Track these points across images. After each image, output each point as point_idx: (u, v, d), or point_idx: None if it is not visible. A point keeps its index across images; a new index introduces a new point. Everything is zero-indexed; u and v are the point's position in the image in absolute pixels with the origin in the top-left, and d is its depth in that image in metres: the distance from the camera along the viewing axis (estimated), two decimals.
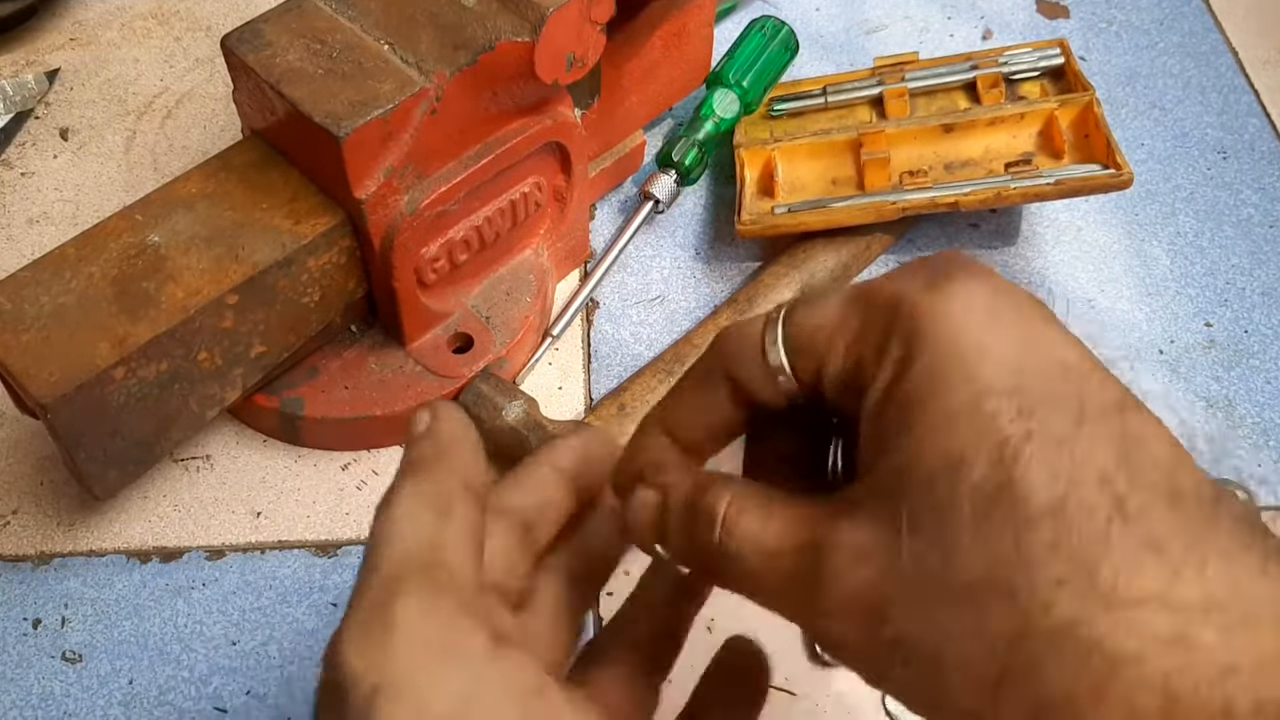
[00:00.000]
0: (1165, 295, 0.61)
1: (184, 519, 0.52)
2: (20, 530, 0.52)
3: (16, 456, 0.54)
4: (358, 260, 0.51)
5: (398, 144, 0.47)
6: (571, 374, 0.58)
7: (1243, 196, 0.66)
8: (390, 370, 0.54)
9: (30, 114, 0.70)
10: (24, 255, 0.61)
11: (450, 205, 0.50)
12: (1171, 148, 0.69)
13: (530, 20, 0.47)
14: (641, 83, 0.61)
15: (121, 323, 0.45)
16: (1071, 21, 0.77)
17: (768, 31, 0.66)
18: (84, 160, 0.67)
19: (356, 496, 0.53)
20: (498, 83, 0.49)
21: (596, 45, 0.51)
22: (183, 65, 0.73)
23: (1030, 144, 0.61)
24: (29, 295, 0.46)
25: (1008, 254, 0.63)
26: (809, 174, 0.63)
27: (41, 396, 0.43)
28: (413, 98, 0.46)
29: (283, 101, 0.46)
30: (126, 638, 0.49)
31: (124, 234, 0.48)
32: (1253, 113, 0.70)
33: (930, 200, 0.57)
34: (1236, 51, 0.74)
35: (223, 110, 0.70)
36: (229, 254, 0.47)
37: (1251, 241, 0.64)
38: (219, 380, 0.49)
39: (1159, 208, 0.66)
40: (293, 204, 0.49)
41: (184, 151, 0.68)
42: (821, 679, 0.47)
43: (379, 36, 0.48)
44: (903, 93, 0.64)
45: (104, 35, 0.75)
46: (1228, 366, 0.58)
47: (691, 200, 0.66)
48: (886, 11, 0.77)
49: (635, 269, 0.62)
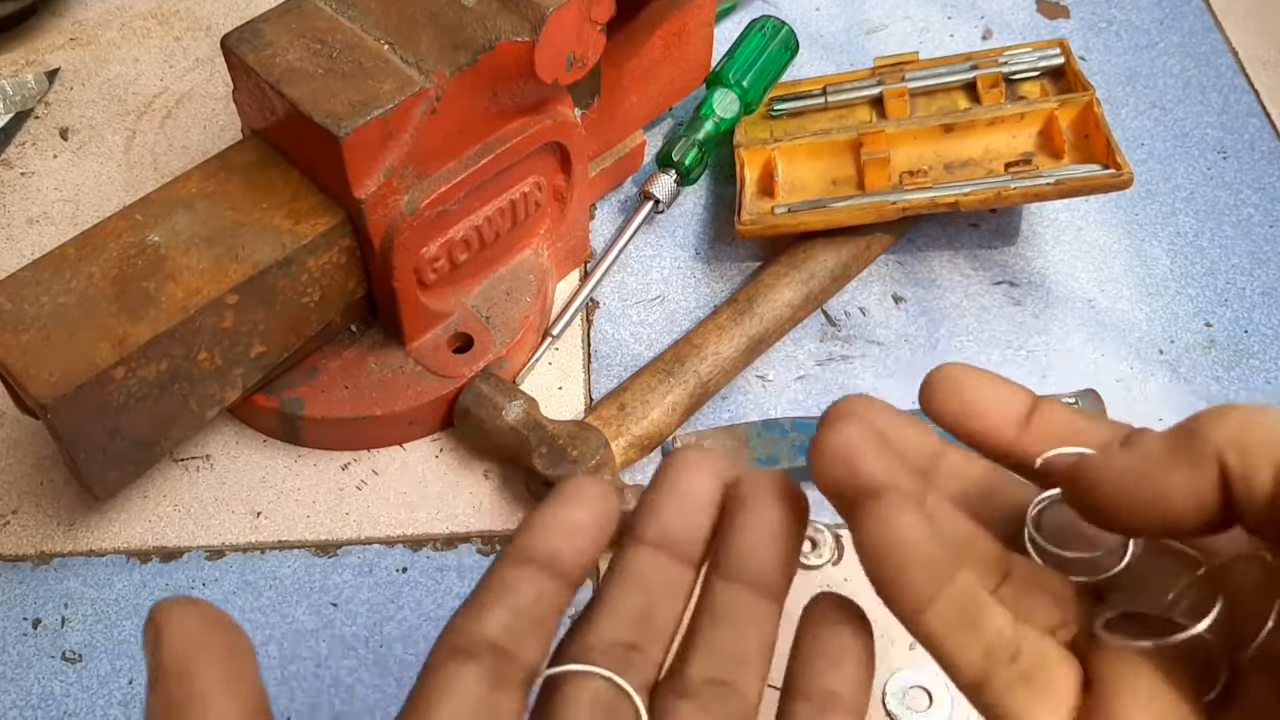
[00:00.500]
0: (1165, 295, 0.61)
1: (184, 519, 0.52)
2: (20, 530, 0.52)
3: (16, 456, 0.54)
4: (358, 260, 0.51)
5: (398, 144, 0.47)
6: (571, 374, 0.58)
7: (1243, 196, 0.66)
8: (390, 370, 0.54)
9: (30, 114, 0.70)
10: (24, 255, 0.61)
11: (450, 205, 0.50)
12: (1171, 147, 0.69)
13: (530, 20, 0.47)
14: (641, 82, 0.61)
15: (121, 323, 0.45)
16: (1071, 21, 0.77)
17: (768, 31, 0.66)
18: (84, 160, 0.67)
19: (356, 496, 0.53)
20: (498, 82, 0.49)
21: (596, 45, 0.51)
22: (183, 65, 0.73)
23: (1030, 144, 0.61)
24: (29, 295, 0.46)
25: (1008, 254, 0.63)
26: (809, 174, 0.63)
27: (41, 396, 0.43)
28: (413, 97, 0.46)
29: (283, 101, 0.46)
30: (126, 638, 0.49)
31: (124, 234, 0.48)
32: (1253, 112, 0.70)
33: (930, 200, 0.57)
34: (1236, 51, 0.74)
35: (223, 110, 0.70)
36: (229, 254, 0.47)
37: (1252, 241, 0.64)
38: (219, 380, 0.49)
39: (1159, 207, 0.66)
40: (293, 204, 0.49)
41: (184, 151, 0.68)
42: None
43: (379, 36, 0.48)
44: (903, 92, 0.64)
45: (104, 35, 0.75)
46: (1228, 366, 0.58)
47: (691, 200, 0.66)
48: (886, 11, 0.77)
49: (635, 269, 0.62)
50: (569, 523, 0.26)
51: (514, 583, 0.25)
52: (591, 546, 0.26)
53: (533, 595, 0.25)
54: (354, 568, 0.51)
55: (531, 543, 0.26)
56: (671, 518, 0.27)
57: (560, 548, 0.25)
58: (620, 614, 0.26)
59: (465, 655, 0.24)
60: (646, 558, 0.26)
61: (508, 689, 0.24)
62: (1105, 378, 0.57)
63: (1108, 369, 0.58)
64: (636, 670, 0.26)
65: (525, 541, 0.26)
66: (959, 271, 0.62)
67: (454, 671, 0.24)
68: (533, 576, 0.25)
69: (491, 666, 0.24)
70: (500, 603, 0.25)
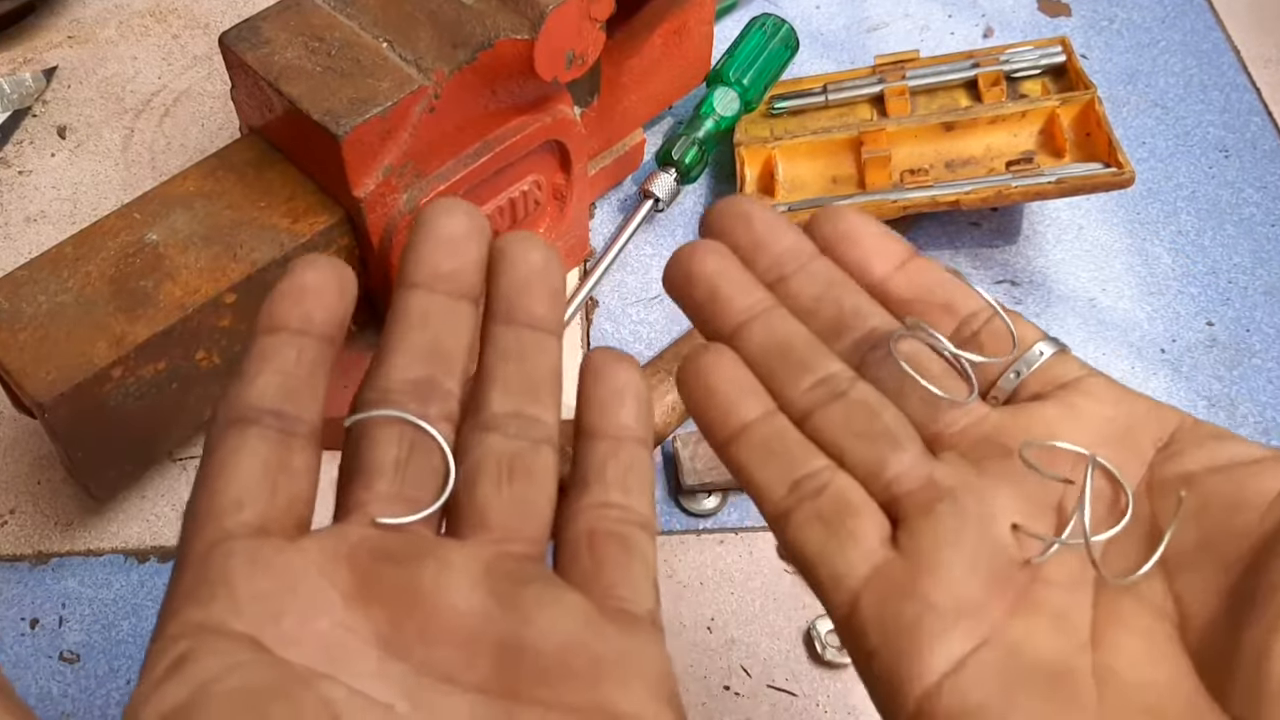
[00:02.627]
0: (1167, 294, 0.61)
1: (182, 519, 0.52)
2: (18, 530, 0.52)
3: (14, 456, 0.54)
4: (356, 259, 0.50)
5: (396, 142, 0.47)
6: (571, 373, 0.57)
7: (1244, 195, 0.66)
8: None
9: (28, 112, 0.69)
10: (21, 254, 0.61)
11: None
12: (1173, 146, 0.69)
13: (530, 18, 0.47)
14: (641, 81, 0.61)
15: (119, 322, 0.45)
16: (1073, 19, 0.77)
17: (768, 29, 0.65)
18: (81, 158, 0.67)
19: None
20: (497, 80, 0.48)
21: (596, 43, 0.50)
22: (181, 63, 0.72)
23: (1031, 142, 0.61)
24: (26, 294, 0.45)
25: (1009, 253, 0.63)
26: (809, 172, 0.63)
27: (39, 396, 0.43)
28: (411, 95, 0.46)
29: (281, 99, 0.46)
30: (124, 638, 0.49)
31: (122, 232, 0.48)
32: (1254, 111, 0.70)
33: (931, 199, 0.57)
34: (1238, 49, 0.74)
35: (221, 108, 0.69)
36: (227, 252, 0.47)
37: (1253, 240, 0.64)
38: (217, 379, 0.49)
39: (1160, 206, 0.65)
40: (291, 202, 0.49)
41: (182, 150, 0.67)
42: (822, 679, 0.47)
43: (377, 34, 0.48)
44: (903, 91, 0.64)
45: (101, 33, 0.74)
46: (1230, 365, 0.58)
47: (691, 199, 0.66)
48: (887, 9, 0.77)
49: (635, 267, 0.62)
50: (309, 286, 0.26)
51: (273, 349, 0.26)
52: (338, 304, 0.27)
53: (294, 357, 0.26)
54: None
55: (280, 310, 0.26)
56: (438, 259, 0.28)
57: (309, 310, 0.26)
58: (409, 352, 0.27)
59: (245, 422, 0.25)
60: (422, 297, 0.28)
61: (294, 446, 0.25)
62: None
63: (1109, 368, 0.57)
64: (436, 404, 0.27)
65: (273, 309, 0.26)
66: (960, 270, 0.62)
67: (238, 436, 0.25)
68: (289, 340, 0.26)
69: (274, 426, 0.25)
70: (265, 370, 0.25)
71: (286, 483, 0.25)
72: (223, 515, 0.24)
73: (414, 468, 0.26)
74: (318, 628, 0.23)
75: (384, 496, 0.26)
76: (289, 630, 0.23)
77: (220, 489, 0.24)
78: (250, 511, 0.24)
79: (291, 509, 0.25)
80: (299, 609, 0.23)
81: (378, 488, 0.26)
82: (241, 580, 0.23)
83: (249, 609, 0.23)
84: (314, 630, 0.23)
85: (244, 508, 0.24)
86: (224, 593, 0.23)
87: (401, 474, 0.26)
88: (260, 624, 0.22)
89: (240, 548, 0.23)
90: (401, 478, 0.26)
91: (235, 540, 0.24)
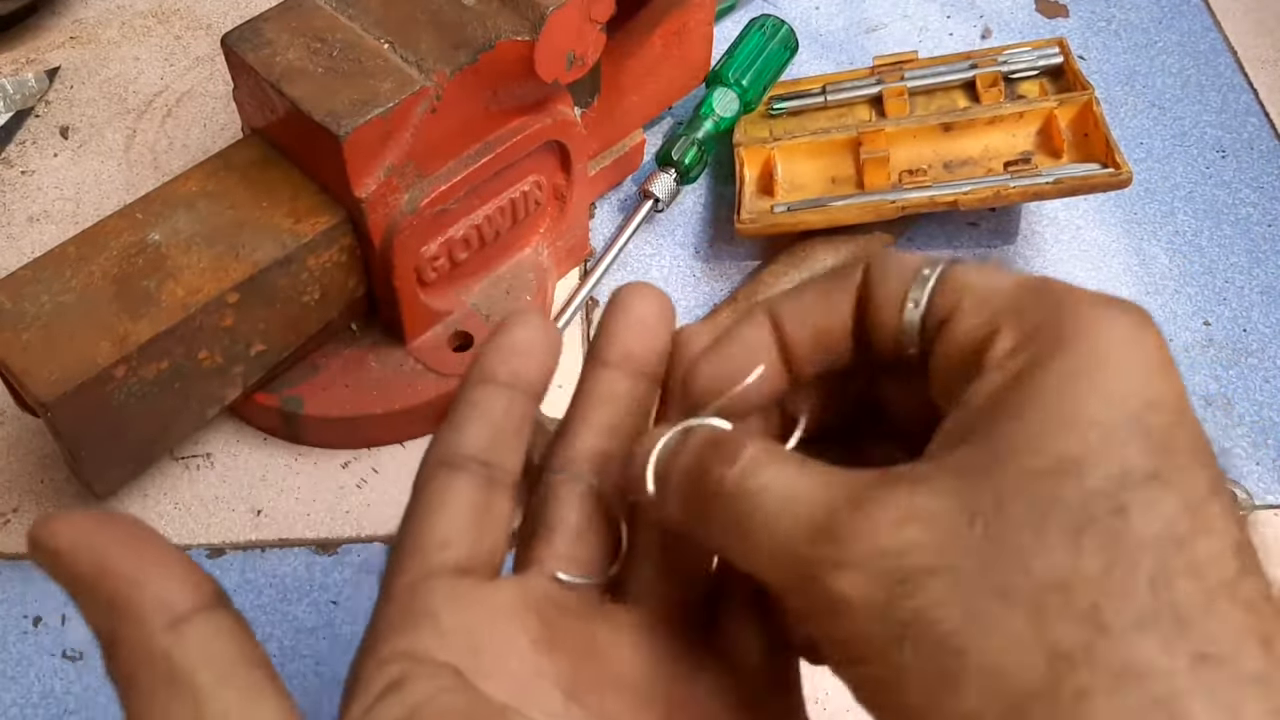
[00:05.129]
0: (1164, 294, 0.61)
1: (184, 517, 0.52)
2: (21, 528, 0.52)
3: (17, 455, 0.54)
4: (358, 259, 0.51)
5: (398, 142, 0.47)
6: (571, 373, 0.58)
7: (1241, 195, 0.66)
8: (390, 368, 0.54)
9: (30, 112, 0.70)
10: (24, 254, 0.61)
11: (450, 204, 0.50)
12: (1170, 147, 0.69)
13: (530, 19, 0.47)
14: (641, 81, 0.61)
15: (122, 321, 0.45)
16: (1070, 20, 0.77)
17: (767, 30, 0.66)
18: (84, 159, 0.67)
19: (357, 494, 0.53)
20: (498, 81, 0.49)
21: (596, 44, 0.51)
22: (183, 64, 0.73)
23: (1029, 143, 0.61)
24: (29, 294, 0.46)
25: (1006, 252, 0.63)
26: (808, 173, 0.63)
27: (42, 395, 0.43)
28: (413, 96, 0.46)
29: (283, 100, 0.47)
30: None
31: (124, 232, 0.48)
32: (1251, 112, 0.71)
33: (929, 199, 0.57)
34: (1235, 50, 0.75)
35: (223, 109, 0.70)
36: (229, 252, 0.48)
37: (1250, 240, 0.64)
38: (219, 378, 0.49)
39: (1158, 206, 0.66)
40: (293, 202, 0.49)
41: (184, 150, 0.68)
42: (821, 678, 0.47)
43: (379, 35, 0.48)
44: (902, 91, 0.64)
45: (104, 33, 0.75)
46: (1226, 365, 0.58)
47: (691, 199, 0.66)
48: (886, 10, 0.77)
49: (635, 267, 0.62)
50: (519, 344, 0.28)
51: (483, 401, 0.27)
52: (546, 361, 0.28)
53: (502, 410, 0.27)
54: (355, 566, 0.51)
55: (492, 364, 0.28)
56: (630, 341, 0.30)
57: (519, 366, 0.28)
58: (594, 426, 0.29)
59: (453, 467, 0.27)
60: (610, 375, 0.30)
61: (496, 493, 0.27)
62: None
63: None
64: (612, 476, 0.29)
65: (486, 364, 0.28)
66: None
67: (447, 478, 0.27)
68: (498, 394, 0.28)
69: (479, 473, 0.27)
70: (475, 420, 0.27)
71: (488, 527, 0.27)
72: (430, 553, 0.26)
73: (590, 533, 0.28)
74: (510, 665, 0.25)
75: (562, 555, 0.28)
76: (485, 665, 0.25)
77: (429, 528, 0.26)
78: (455, 551, 0.26)
79: (490, 552, 0.27)
80: (495, 646, 0.25)
81: (557, 546, 0.28)
82: (446, 614, 0.25)
83: (452, 641, 0.25)
84: (507, 668, 0.25)
85: (449, 547, 0.26)
86: (429, 624, 0.25)
87: (578, 537, 0.28)
88: (461, 656, 0.24)
89: (443, 585, 0.25)
90: (578, 540, 0.28)
91: (439, 578, 0.26)
